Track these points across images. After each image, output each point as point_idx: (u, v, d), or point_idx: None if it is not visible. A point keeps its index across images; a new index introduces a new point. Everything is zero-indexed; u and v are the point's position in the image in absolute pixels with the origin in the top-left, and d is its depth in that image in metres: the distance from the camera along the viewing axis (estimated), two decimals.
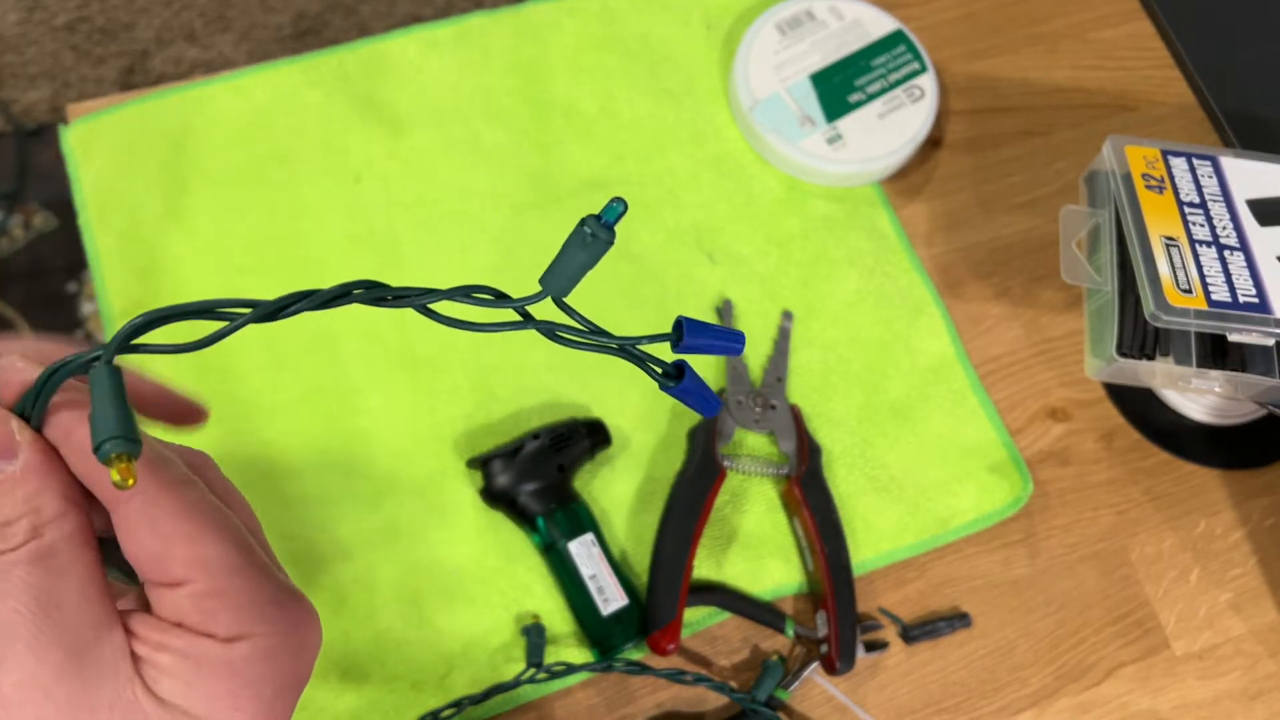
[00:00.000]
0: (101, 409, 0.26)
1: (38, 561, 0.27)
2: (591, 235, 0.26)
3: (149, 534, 0.28)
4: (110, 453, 0.25)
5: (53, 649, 0.26)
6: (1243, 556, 0.65)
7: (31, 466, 0.28)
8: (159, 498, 0.28)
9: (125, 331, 0.26)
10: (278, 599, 0.29)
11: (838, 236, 0.69)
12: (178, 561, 0.28)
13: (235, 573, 0.28)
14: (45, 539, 0.27)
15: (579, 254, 0.27)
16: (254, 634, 0.28)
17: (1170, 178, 0.61)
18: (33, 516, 0.27)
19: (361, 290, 0.27)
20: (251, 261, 0.65)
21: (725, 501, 0.63)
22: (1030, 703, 0.61)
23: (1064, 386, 0.67)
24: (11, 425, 0.28)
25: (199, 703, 0.27)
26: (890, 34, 0.71)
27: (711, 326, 0.28)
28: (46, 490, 0.28)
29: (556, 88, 0.71)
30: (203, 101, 0.69)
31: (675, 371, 0.29)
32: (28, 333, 1.36)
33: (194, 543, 0.28)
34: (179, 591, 0.28)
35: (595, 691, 0.59)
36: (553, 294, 0.28)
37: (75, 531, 0.28)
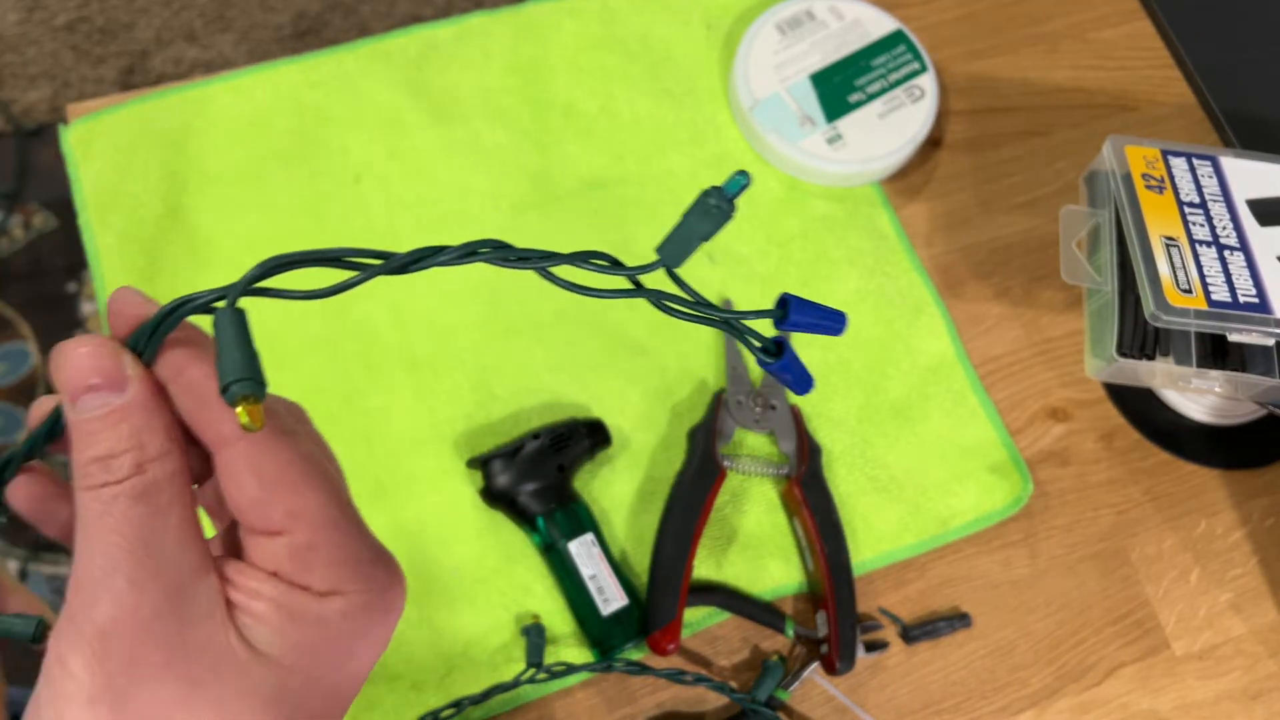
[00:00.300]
0: (228, 350, 0.26)
1: (140, 498, 0.27)
2: (715, 206, 0.27)
3: (253, 481, 0.28)
4: (238, 394, 0.25)
5: (151, 586, 0.26)
6: (1243, 556, 0.65)
7: (139, 402, 0.27)
8: (265, 446, 0.28)
9: (253, 274, 0.27)
10: (371, 557, 0.29)
11: (838, 236, 0.69)
12: (279, 511, 0.28)
13: (333, 527, 0.28)
14: (148, 475, 0.27)
15: (699, 224, 0.27)
16: (347, 590, 0.28)
17: (1170, 178, 0.61)
18: (137, 452, 0.27)
19: (488, 250, 0.27)
20: (252, 261, 0.65)
21: (725, 501, 0.63)
22: (1030, 703, 0.61)
23: (1064, 386, 0.67)
24: (123, 359, 0.28)
25: (289, 653, 0.27)
26: (890, 34, 0.71)
27: (816, 305, 0.28)
28: (152, 427, 0.27)
29: (556, 88, 0.71)
30: (203, 101, 0.69)
31: (775, 348, 0.29)
32: (27, 333, 1.36)
33: (296, 493, 0.28)
34: (277, 541, 0.28)
35: (595, 691, 0.59)
36: (667, 263, 0.28)
37: (176, 472, 0.28)
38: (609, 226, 0.68)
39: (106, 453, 0.27)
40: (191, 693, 0.26)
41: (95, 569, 0.26)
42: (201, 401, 0.28)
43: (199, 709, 0.26)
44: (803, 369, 0.29)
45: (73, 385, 0.27)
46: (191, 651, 0.26)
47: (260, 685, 0.27)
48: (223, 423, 0.28)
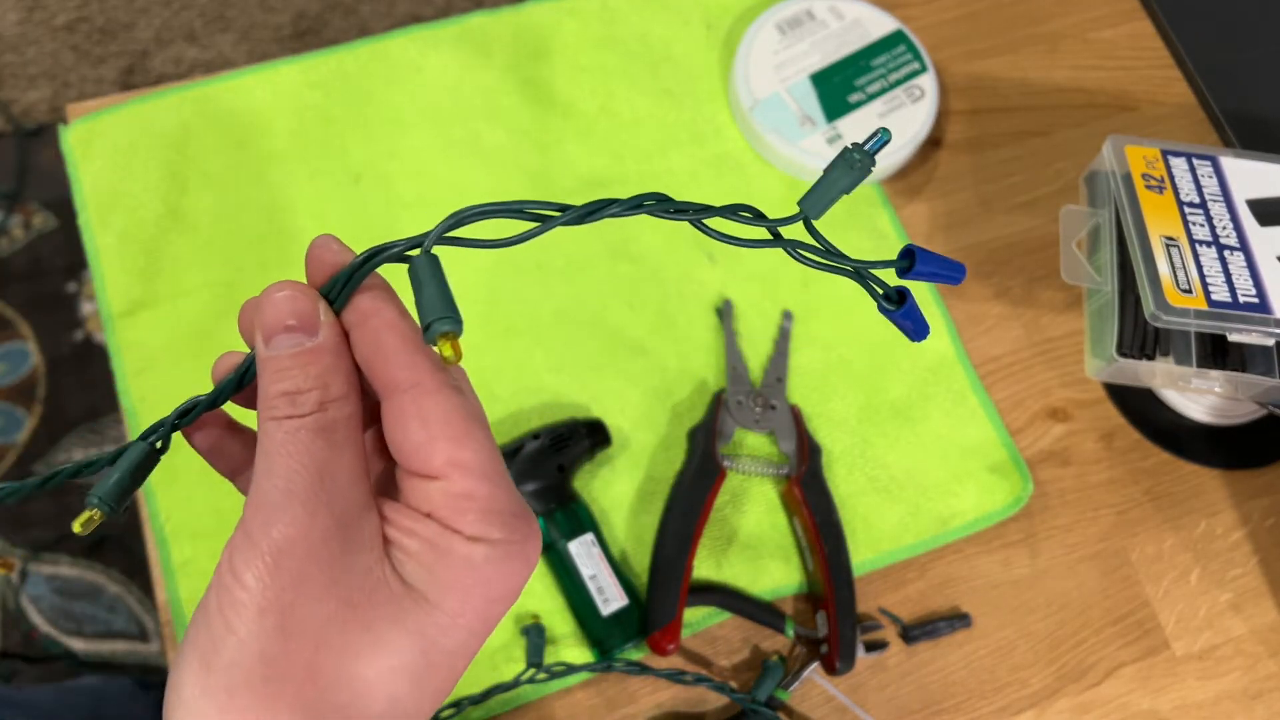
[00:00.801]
0: (428, 292, 0.28)
1: (320, 433, 0.29)
2: (858, 161, 0.28)
3: (419, 427, 0.29)
4: (438, 331, 0.28)
5: (324, 512, 0.28)
6: (1243, 557, 0.65)
7: (327, 346, 0.30)
8: (433, 396, 0.30)
9: (446, 224, 0.29)
10: (516, 510, 0.30)
11: (838, 236, 0.69)
12: (439, 457, 0.29)
13: (486, 479, 0.30)
14: (329, 414, 0.29)
15: (841, 179, 0.29)
16: (494, 538, 0.29)
17: (1170, 178, 0.61)
18: (322, 391, 0.29)
19: (652, 202, 0.30)
20: (252, 261, 0.65)
21: (725, 501, 0.63)
22: (1030, 703, 0.61)
23: (1064, 386, 0.67)
24: (319, 304, 0.30)
25: (436, 589, 0.29)
26: (890, 34, 0.71)
27: (938, 256, 0.29)
28: (337, 370, 0.30)
29: (556, 88, 0.71)
30: (203, 101, 0.69)
31: (897, 296, 0.30)
32: (27, 333, 1.36)
33: (457, 444, 0.29)
34: (434, 485, 0.30)
35: (595, 691, 0.59)
36: (808, 215, 0.30)
37: (354, 414, 0.30)
38: (609, 226, 0.68)
39: (294, 388, 0.29)
40: (348, 613, 0.28)
41: (276, 492, 0.28)
42: (379, 349, 0.30)
43: (350, 628, 0.28)
44: (921, 316, 0.31)
45: (270, 324, 0.30)
46: (353, 576, 0.28)
47: (407, 615, 0.28)
48: (397, 369, 0.30)
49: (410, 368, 0.30)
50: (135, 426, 0.61)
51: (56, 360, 1.35)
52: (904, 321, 0.31)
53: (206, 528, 0.59)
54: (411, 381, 0.30)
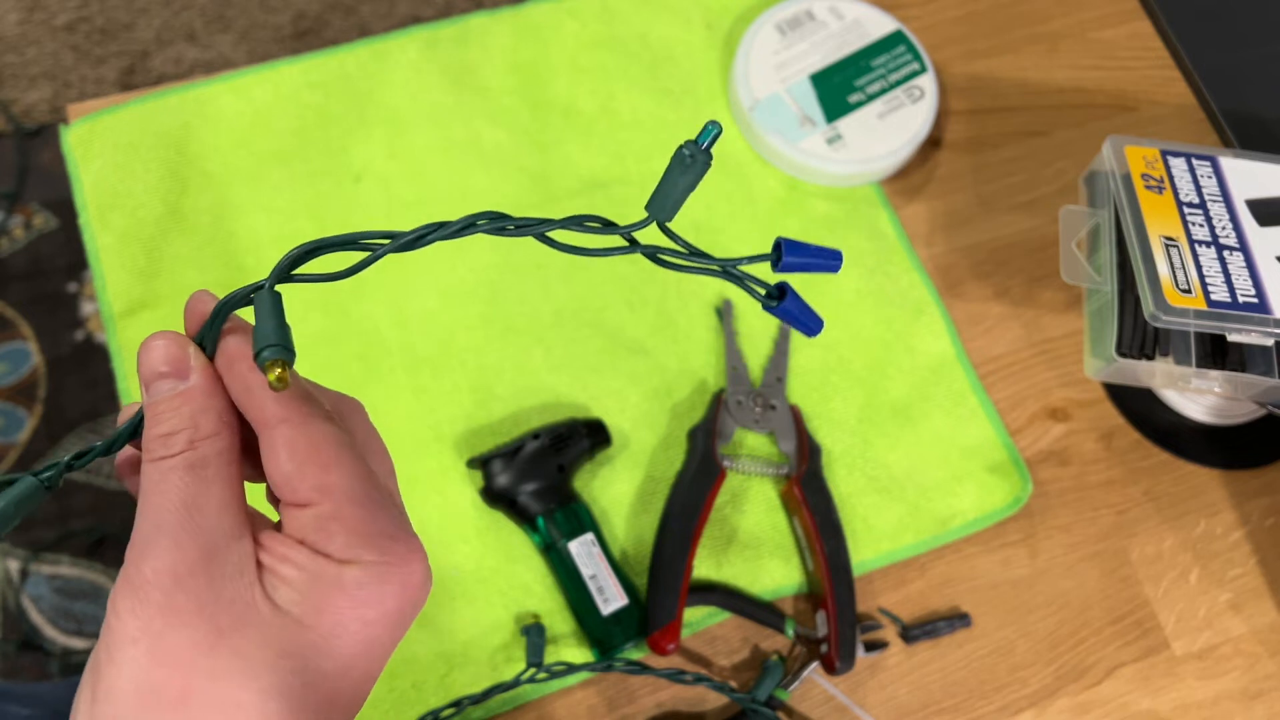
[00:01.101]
0: (263, 324, 0.30)
1: (189, 469, 0.31)
2: (690, 157, 0.28)
3: (287, 457, 0.31)
4: (268, 358, 0.29)
5: (190, 545, 0.30)
6: (1242, 556, 0.65)
7: (199, 388, 0.32)
8: (301, 427, 0.31)
9: (285, 262, 0.30)
10: (390, 533, 0.32)
11: (838, 236, 0.69)
12: (307, 484, 0.31)
13: (355, 502, 0.31)
14: (199, 451, 0.31)
15: (680, 178, 0.28)
16: (364, 560, 0.31)
17: (1170, 178, 0.61)
18: (192, 431, 0.31)
19: (486, 221, 0.29)
20: (252, 262, 0.65)
21: (725, 501, 0.63)
22: (1030, 703, 0.61)
23: (1064, 386, 0.67)
24: (189, 350, 0.32)
25: (308, 612, 0.30)
26: (890, 34, 0.71)
27: (808, 245, 0.29)
28: (207, 410, 0.32)
29: (556, 88, 0.71)
30: (203, 102, 0.69)
31: (778, 292, 0.30)
32: (28, 333, 1.36)
33: (324, 470, 0.31)
34: (305, 512, 0.31)
35: (595, 691, 0.59)
36: (657, 219, 0.29)
37: (224, 450, 0.32)
38: None
39: (168, 430, 0.31)
40: (216, 639, 0.29)
41: (147, 528, 0.30)
42: (247, 388, 0.32)
43: (219, 653, 0.29)
44: (809, 310, 0.31)
45: (147, 373, 0.32)
46: (220, 603, 0.29)
47: (278, 638, 0.30)
48: (265, 406, 0.32)
49: (276, 403, 0.31)
50: None
51: (57, 360, 1.35)
52: (789, 317, 0.31)
53: None
54: (280, 417, 0.31)
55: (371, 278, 0.66)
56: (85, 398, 1.33)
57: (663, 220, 0.29)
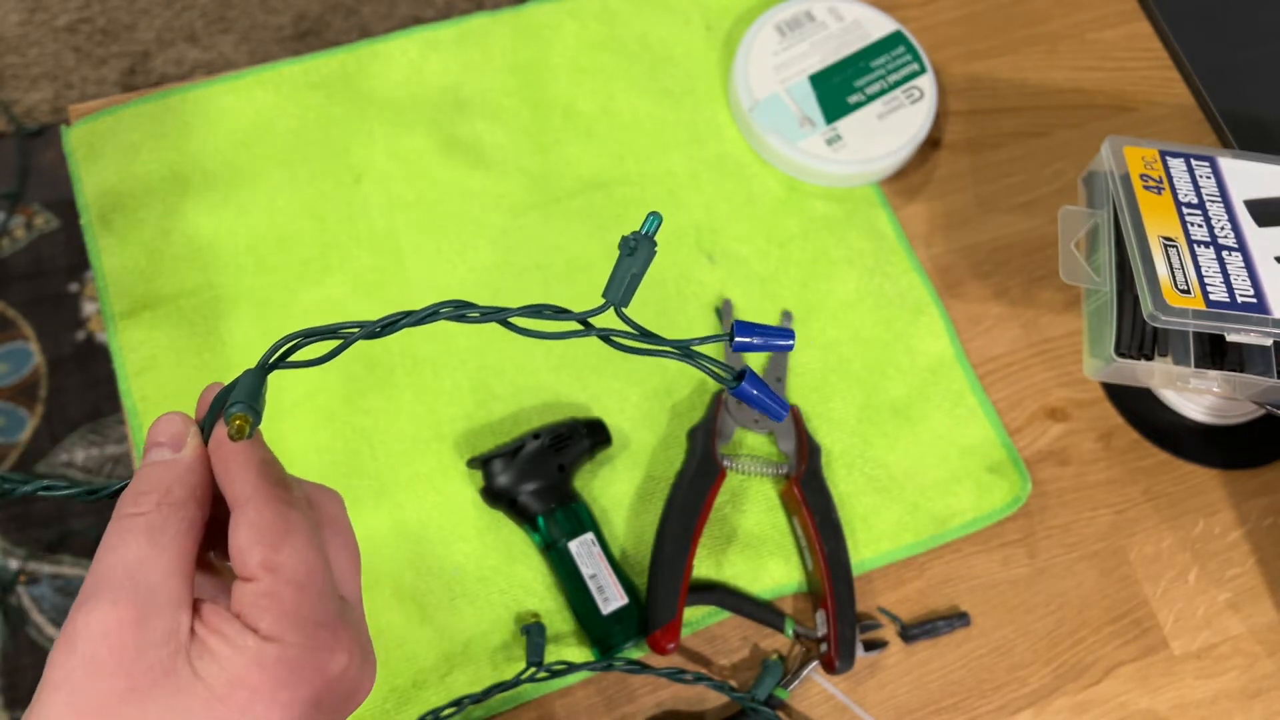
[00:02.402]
0: (239, 389, 0.33)
1: (148, 532, 0.33)
2: (635, 245, 0.31)
3: (244, 532, 0.33)
4: (233, 413, 0.32)
5: (127, 605, 0.31)
6: (1241, 556, 0.65)
7: (185, 462, 0.34)
8: (264, 506, 0.33)
9: (268, 354, 0.33)
10: (325, 622, 0.33)
11: (837, 237, 0.69)
12: (254, 559, 0.32)
13: (295, 585, 0.33)
14: (162, 515, 0.33)
15: (630, 265, 0.31)
16: (287, 641, 0.32)
17: (1169, 178, 0.61)
18: (161, 494, 0.33)
19: (449, 309, 0.32)
20: (253, 262, 0.66)
21: (725, 501, 0.63)
22: (1029, 702, 0.61)
23: (1063, 386, 0.67)
24: (190, 429, 0.35)
25: (223, 683, 0.31)
26: (889, 35, 0.72)
27: (761, 326, 0.31)
28: (184, 482, 0.34)
29: (556, 88, 0.71)
30: (204, 102, 0.69)
31: (738, 376, 0.32)
32: (29, 333, 1.36)
33: (272, 548, 0.33)
34: (248, 586, 0.32)
35: (595, 690, 0.59)
36: (613, 304, 0.31)
37: (186, 520, 0.33)
38: (609, 227, 0.68)
39: (142, 489, 0.34)
40: (129, 696, 0.30)
41: (93, 583, 0.32)
42: (225, 467, 0.34)
43: (129, 711, 0.31)
44: (770, 394, 0.32)
45: (149, 440, 0.35)
46: (141, 664, 0.31)
47: (187, 705, 0.31)
48: (237, 484, 0.34)
49: (245, 482, 0.33)
50: (137, 426, 0.61)
51: (58, 360, 1.35)
52: (749, 399, 0.32)
53: None
54: (246, 496, 0.33)
55: (371, 278, 0.66)
56: (86, 398, 1.33)
57: (619, 305, 0.31)
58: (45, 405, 1.33)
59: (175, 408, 0.37)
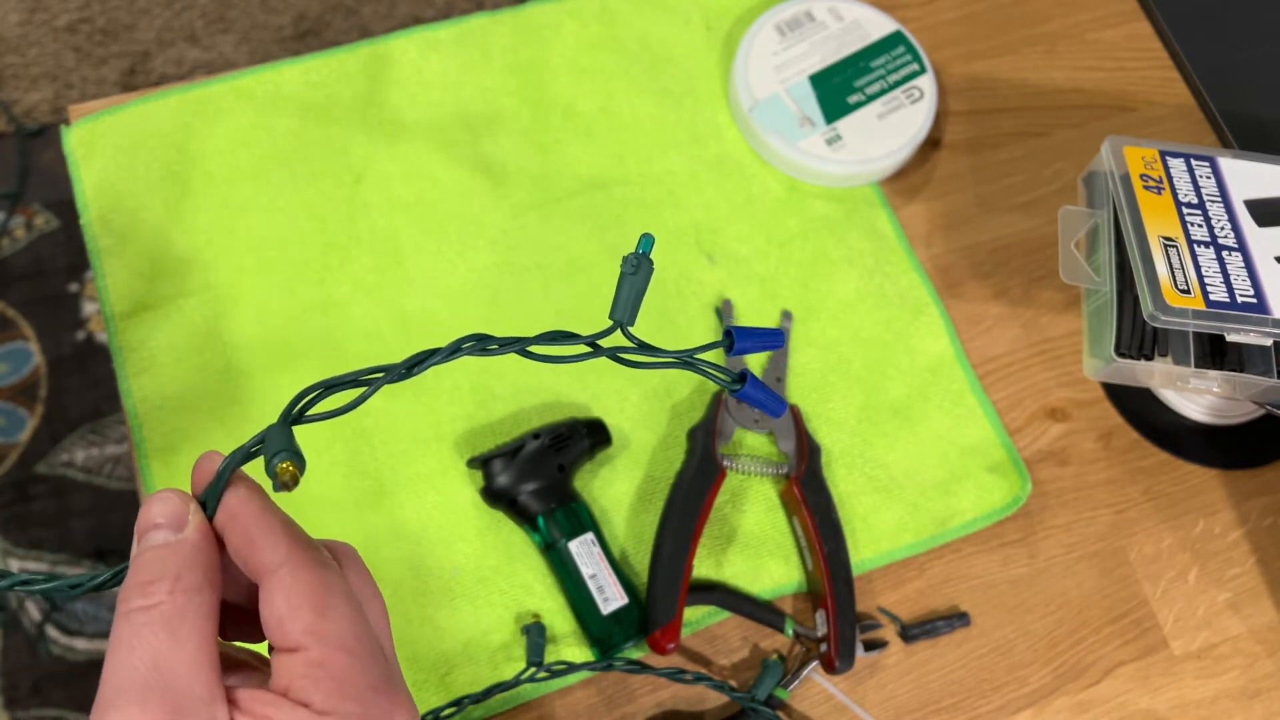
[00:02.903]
0: (272, 439, 0.31)
1: (165, 624, 0.30)
2: (634, 264, 0.33)
3: (283, 600, 0.31)
4: (277, 463, 0.30)
5: (157, 706, 0.29)
6: (1241, 556, 0.65)
7: (191, 541, 0.31)
8: (299, 571, 0.31)
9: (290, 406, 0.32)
10: (376, 685, 0.31)
11: (837, 237, 0.69)
12: (299, 627, 0.30)
13: (345, 650, 0.31)
14: (177, 603, 0.30)
15: (633, 285, 0.33)
16: (345, 711, 0.30)
17: (1168, 178, 0.62)
18: (173, 581, 0.31)
19: (471, 344, 0.33)
20: (253, 262, 0.66)
21: (725, 501, 0.63)
22: (1029, 702, 0.61)
23: (1063, 386, 0.67)
24: (190, 507, 0.32)
25: None
26: (889, 35, 0.72)
27: (755, 329, 0.33)
28: (194, 565, 0.31)
29: (556, 88, 0.71)
30: (204, 102, 0.69)
31: (740, 378, 0.33)
32: (29, 333, 1.36)
33: (318, 615, 0.31)
34: (294, 658, 0.30)
35: (595, 690, 0.59)
36: (621, 324, 0.33)
37: (204, 607, 0.31)
38: (609, 227, 0.68)
39: (150, 578, 0.31)
40: None
41: (111, 690, 0.29)
42: (248, 539, 0.32)
43: None
44: (769, 394, 0.33)
45: (143, 524, 0.32)
46: None
47: None
48: (265, 552, 0.31)
49: (275, 549, 0.31)
50: (137, 427, 0.61)
51: (58, 360, 1.35)
52: (751, 400, 0.34)
53: None
54: (279, 562, 0.31)
55: (371, 278, 0.66)
56: (86, 398, 1.33)
57: (625, 324, 0.33)
58: (45, 405, 1.33)
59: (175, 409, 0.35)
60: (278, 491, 0.30)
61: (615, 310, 0.33)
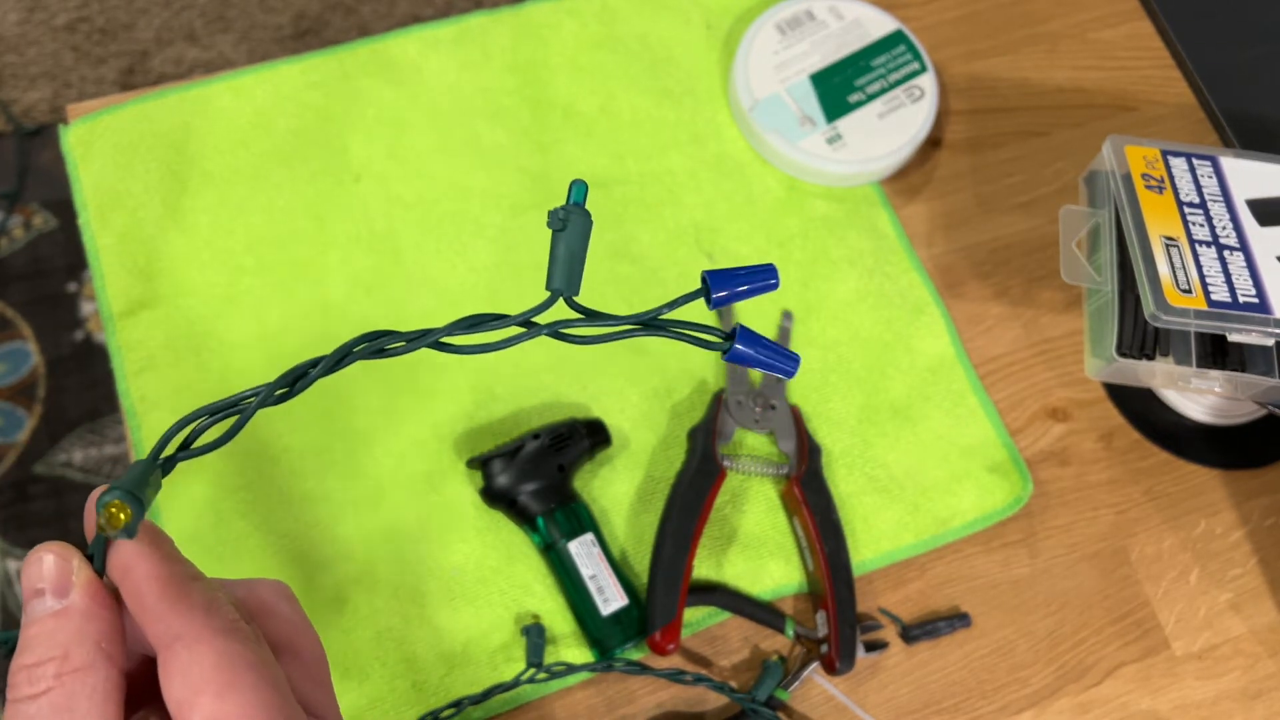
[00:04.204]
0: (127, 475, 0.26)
1: (55, 714, 0.27)
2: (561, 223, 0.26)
3: (181, 681, 0.27)
4: (106, 500, 0.25)
5: None
6: (1242, 556, 0.65)
7: (77, 609, 0.28)
8: (197, 646, 0.28)
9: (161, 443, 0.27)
10: None
11: (837, 236, 0.69)
12: (198, 716, 0.27)
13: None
14: (66, 689, 0.27)
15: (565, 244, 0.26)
16: None
17: (1170, 178, 0.61)
18: (60, 662, 0.27)
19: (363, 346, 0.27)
20: (251, 261, 0.65)
21: (725, 501, 0.63)
22: (1030, 703, 0.61)
23: (1064, 386, 0.67)
24: (73, 564, 0.28)
25: None
26: (890, 34, 0.71)
27: (736, 271, 0.27)
28: (82, 638, 0.28)
29: (556, 88, 0.71)
30: (203, 102, 0.69)
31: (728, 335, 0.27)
32: (28, 333, 1.36)
33: (217, 698, 0.27)
34: None
35: (595, 691, 0.59)
36: (562, 293, 0.27)
37: (99, 686, 0.27)
38: (609, 226, 0.68)
39: (35, 659, 0.27)
40: None
41: None
42: (141, 603, 0.28)
43: None
44: (773, 349, 0.28)
45: (26, 588, 0.28)
46: None
47: None
48: (158, 622, 0.28)
49: (169, 619, 0.28)
50: (136, 426, 0.61)
51: (57, 360, 1.35)
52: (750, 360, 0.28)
53: (204, 528, 0.59)
54: (174, 634, 0.28)
55: (371, 278, 0.66)
56: (85, 398, 1.33)
57: (569, 294, 0.27)
58: (44, 405, 1.33)
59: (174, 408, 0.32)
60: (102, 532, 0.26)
61: (552, 279, 0.27)
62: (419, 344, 0.27)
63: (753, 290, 0.27)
